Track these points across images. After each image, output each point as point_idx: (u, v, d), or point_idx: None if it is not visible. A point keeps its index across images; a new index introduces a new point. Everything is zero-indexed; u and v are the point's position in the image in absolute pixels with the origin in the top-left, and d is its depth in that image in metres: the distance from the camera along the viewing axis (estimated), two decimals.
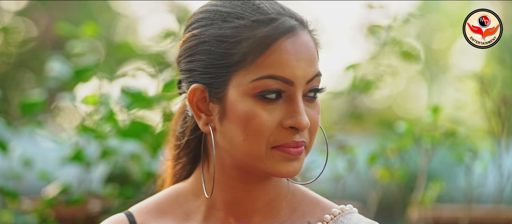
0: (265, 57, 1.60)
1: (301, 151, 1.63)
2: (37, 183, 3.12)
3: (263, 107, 1.60)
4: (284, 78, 1.60)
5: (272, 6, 1.65)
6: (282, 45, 1.61)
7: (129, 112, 2.99)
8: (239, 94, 1.61)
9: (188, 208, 1.73)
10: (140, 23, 9.57)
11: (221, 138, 1.65)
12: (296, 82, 1.61)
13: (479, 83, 2.95)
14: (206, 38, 1.64)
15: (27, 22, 9.10)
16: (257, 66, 1.60)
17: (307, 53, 1.63)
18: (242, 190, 1.69)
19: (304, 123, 1.61)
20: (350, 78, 3.18)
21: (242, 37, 1.61)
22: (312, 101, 1.64)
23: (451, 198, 5.08)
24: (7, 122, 3.08)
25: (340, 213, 1.72)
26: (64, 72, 3.08)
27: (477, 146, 3.05)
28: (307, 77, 1.62)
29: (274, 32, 1.61)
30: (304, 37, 1.63)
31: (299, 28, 1.64)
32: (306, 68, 1.61)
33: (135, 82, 3.06)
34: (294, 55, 1.61)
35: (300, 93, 1.62)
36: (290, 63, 1.60)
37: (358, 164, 3.10)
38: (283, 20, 1.63)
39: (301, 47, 1.62)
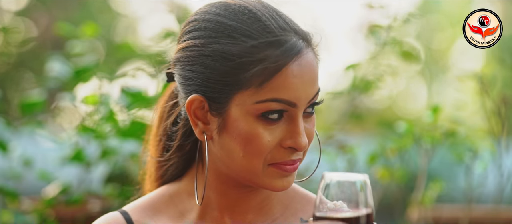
0: (272, 81, 1.60)
1: (296, 167, 1.66)
2: (37, 183, 3.12)
3: (264, 127, 1.61)
4: (288, 101, 1.61)
5: (278, 23, 1.64)
6: (289, 69, 1.61)
7: (129, 112, 2.99)
8: (242, 113, 1.61)
9: (183, 207, 1.73)
10: (140, 23, 9.57)
11: (219, 149, 1.66)
12: (299, 104, 1.62)
13: (479, 83, 2.95)
14: (209, 52, 1.63)
15: (27, 22, 9.10)
16: (263, 89, 1.60)
17: (311, 74, 1.63)
18: (235, 192, 1.70)
19: (303, 144, 1.63)
20: (350, 78, 3.18)
21: (251, 59, 1.60)
22: (310, 116, 1.66)
23: (451, 198, 5.08)
24: (7, 122, 3.08)
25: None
26: (64, 72, 3.08)
27: (477, 146, 3.05)
28: (309, 98, 1.63)
29: (283, 57, 1.60)
30: (308, 57, 1.64)
31: (305, 48, 1.64)
32: (309, 90, 1.63)
33: (135, 82, 3.06)
34: (299, 79, 1.61)
35: (301, 113, 1.63)
36: (296, 86, 1.61)
37: (358, 164, 3.10)
38: (292, 42, 1.62)
39: (306, 68, 1.62)
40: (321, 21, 9.89)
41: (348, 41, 7.78)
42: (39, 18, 9.18)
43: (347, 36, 8.09)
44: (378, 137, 3.36)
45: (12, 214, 2.99)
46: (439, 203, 3.30)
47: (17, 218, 2.98)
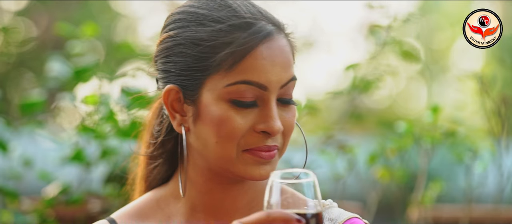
0: (241, 63, 1.61)
1: (273, 155, 1.64)
2: (37, 183, 3.12)
3: (236, 111, 1.61)
4: (258, 83, 1.60)
5: (249, 9, 1.65)
6: (258, 51, 1.61)
7: (129, 112, 2.99)
8: (214, 97, 1.62)
9: (170, 211, 1.73)
10: (140, 23, 9.58)
11: (195, 139, 1.66)
12: (270, 87, 1.61)
13: (479, 83, 2.95)
14: (182, 40, 1.65)
15: (27, 22, 9.10)
16: (233, 71, 1.60)
17: (282, 58, 1.63)
18: (221, 191, 1.69)
19: (276, 128, 1.61)
20: (350, 78, 3.18)
21: (219, 42, 1.61)
22: (287, 105, 1.65)
23: (451, 198, 5.08)
24: (7, 122, 3.08)
25: None
26: (64, 72, 3.08)
27: (477, 146, 3.05)
28: (281, 82, 1.62)
29: (251, 39, 1.61)
30: (280, 42, 1.64)
31: (275, 32, 1.64)
32: (280, 73, 1.62)
33: (135, 82, 3.06)
34: (269, 61, 1.61)
35: (273, 97, 1.62)
36: (265, 68, 1.61)
37: (358, 164, 3.10)
38: (260, 25, 1.63)
39: (277, 52, 1.63)
40: (321, 21, 9.89)
41: (348, 41, 7.79)
42: (39, 18, 9.18)
43: (347, 36, 8.10)
44: (378, 137, 3.36)
45: (12, 214, 2.99)
46: (439, 203, 3.30)
47: (17, 218, 2.98)
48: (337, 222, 1.70)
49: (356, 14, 7.72)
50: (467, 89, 5.23)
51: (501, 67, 8.26)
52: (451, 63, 9.65)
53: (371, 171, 3.14)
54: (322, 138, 3.11)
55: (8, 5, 8.96)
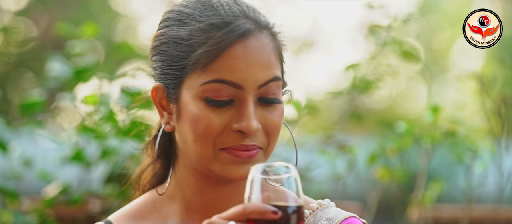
0: (216, 62, 1.60)
1: (252, 154, 1.62)
2: (37, 183, 3.12)
3: (211, 110, 1.61)
4: (233, 82, 1.60)
5: (231, 8, 1.65)
6: (233, 49, 1.60)
7: (129, 112, 2.99)
8: (191, 96, 1.62)
9: (165, 213, 1.72)
10: (140, 23, 9.58)
11: (179, 138, 1.67)
12: (246, 87, 1.60)
13: (479, 83, 2.96)
14: (165, 39, 1.66)
15: (27, 22, 9.10)
16: (208, 70, 1.60)
17: (260, 57, 1.62)
18: (213, 191, 1.68)
19: (251, 127, 1.60)
20: (350, 78, 3.18)
21: (195, 40, 1.62)
22: (270, 105, 1.63)
23: (451, 198, 5.08)
24: (7, 122, 3.08)
25: (318, 207, 1.72)
26: (64, 72, 3.08)
27: (477, 146, 3.05)
28: (258, 82, 1.61)
29: (225, 38, 1.61)
30: (258, 42, 1.63)
31: (254, 32, 1.63)
32: (257, 73, 1.61)
33: (135, 82, 3.06)
34: (244, 60, 1.60)
35: (250, 97, 1.61)
36: (240, 67, 1.60)
37: (358, 164, 3.11)
38: (237, 24, 1.62)
39: (253, 51, 1.61)
40: (321, 21, 9.89)
41: (348, 41, 7.79)
42: (39, 18, 9.18)
43: (347, 36, 8.10)
44: (378, 137, 3.36)
45: (12, 214, 2.99)
46: (439, 203, 3.30)
47: (17, 218, 2.98)
48: (335, 222, 1.70)
49: (356, 14, 7.72)
50: (467, 89, 5.23)
51: (501, 67, 8.26)
52: (451, 63, 9.65)
53: (371, 171, 3.14)
54: (322, 138, 3.11)
55: (8, 5, 8.96)
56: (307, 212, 1.71)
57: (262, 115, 1.62)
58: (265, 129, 1.63)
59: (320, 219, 1.70)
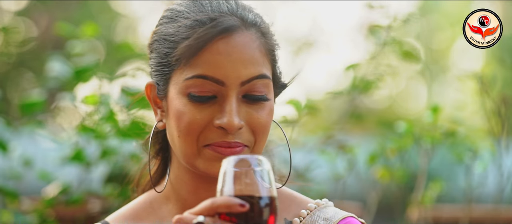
0: (198, 57, 1.60)
1: (236, 152, 1.61)
2: (37, 183, 3.12)
3: (194, 105, 1.61)
4: (214, 78, 1.59)
5: (220, 6, 1.65)
6: (214, 45, 1.60)
7: (129, 112, 2.99)
8: (176, 92, 1.62)
9: (162, 213, 1.72)
10: (140, 23, 9.58)
11: (168, 135, 1.67)
12: (228, 83, 1.60)
13: (479, 83, 2.95)
14: (157, 36, 1.67)
15: (27, 22, 9.10)
16: (191, 65, 1.60)
17: (243, 54, 1.61)
18: (207, 190, 1.66)
19: (231, 124, 1.59)
20: (350, 78, 3.18)
21: (180, 36, 1.62)
22: (256, 102, 1.62)
23: (451, 198, 5.08)
24: (7, 122, 3.08)
25: (316, 207, 1.72)
26: (64, 72, 3.08)
27: (477, 146, 3.05)
28: (241, 78, 1.60)
29: (207, 32, 1.61)
30: (243, 38, 1.62)
31: (239, 28, 1.62)
32: (240, 69, 1.60)
33: (135, 82, 3.06)
34: (225, 56, 1.60)
35: (233, 94, 1.60)
36: (221, 63, 1.60)
37: (358, 164, 3.10)
38: (221, 20, 1.62)
39: (236, 48, 1.61)
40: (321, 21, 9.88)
41: (348, 41, 7.79)
42: (39, 18, 9.18)
43: (347, 36, 8.10)
44: (378, 137, 3.36)
45: (12, 214, 2.99)
46: (439, 203, 3.30)
47: (17, 218, 2.98)
48: (332, 222, 1.70)
49: (356, 14, 7.72)
50: (467, 89, 5.23)
51: (501, 67, 8.26)
52: (451, 63, 9.65)
53: (371, 171, 3.14)
54: (322, 138, 3.11)
55: (8, 5, 8.96)
56: (305, 212, 1.71)
57: (247, 112, 1.62)
58: (251, 127, 1.62)
59: (317, 219, 1.70)
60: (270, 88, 1.64)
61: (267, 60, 1.65)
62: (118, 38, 9.31)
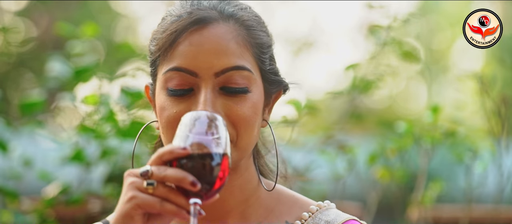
0: (174, 50, 1.60)
1: None
2: (37, 183, 3.12)
3: (171, 99, 1.60)
4: (187, 69, 1.59)
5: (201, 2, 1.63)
6: (188, 38, 1.59)
7: (129, 112, 2.99)
8: (159, 87, 1.62)
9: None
10: (140, 23, 9.58)
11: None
12: (201, 74, 1.58)
13: (479, 83, 2.96)
14: (150, 37, 1.68)
15: (27, 22, 9.11)
16: (168, 59, 1.61)
17: (216, 44, 1.59)
18: None
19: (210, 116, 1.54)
20: (350, 78, 3.18)
21: (160, 34, 1.62)
22: (235, 95, 1.60)
23: (451, 198, 5.08)
24: (7, 122, 3.08)
25: (318, 210, 1.70)
26: (64, 72, 3.08)
27: (477, 146, 3.05)
28: (214, 69, 1.58)
29: (180, 25, 1.60)
30: (217, 30, 1.61)
31: (214, 20, 1.61)
32: (212, 60, 1.58)
33: (135, 82, 3.06)
34: (197, 47, 1.59)
35: (206, 85, 1.58)
36: (193, 54, 1.59)
37: (358, 164, 3.10)
38: (196, 13, 1.61)
39: (209, 39, 1.59)
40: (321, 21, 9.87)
41: (348, 41, 7.79)
42: (39, 18, 9.18)
43: (347, 36, 8.10)
44: (378, 137, 3.36)
45: (12, 214, 2.99)
46: (439, 203, 3.30)
47: (17, 218, 2.98)
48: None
49: (356, 14, 7.73)
50: (467, 89, 5.23)
51: (501, 67, 8.26)
52: (451, 63, 9.65)
53: (371, 171, 3.14)
54: (322, 138, 3.11)
55: (8, 5, 8.96)
56: (307, 214, 1.70)
57: (225, 104, 1.59)
58: (230, 120, 1.59)
59: (319, 222, 1.69)
60: (252, 81, 1.61)
61: (248, 52, 1.62)
62: (118, 38, 9.31)
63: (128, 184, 1.46)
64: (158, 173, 1.43)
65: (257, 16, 1.67)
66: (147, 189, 1.44)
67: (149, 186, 1.44)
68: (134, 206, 1.45)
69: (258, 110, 1.62)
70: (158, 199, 1.43)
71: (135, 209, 1.45)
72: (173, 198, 1.44)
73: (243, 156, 1.62)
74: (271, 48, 1.67)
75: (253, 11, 1.68)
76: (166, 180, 1.43)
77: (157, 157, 1.44)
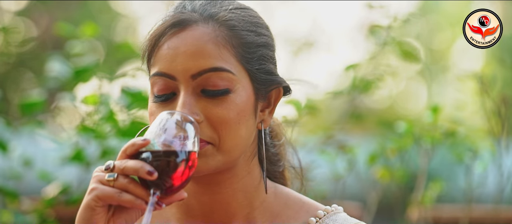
0: (156, 55, 1.60)
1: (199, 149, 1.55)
2: (37, 183, 3.12)
3: (158, 105, 1.59)
4: (166, 73, 1.57)
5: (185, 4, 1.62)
6: (167, 42, 1.58)
7: (129, 112, 2.99)
8: (150, 92, 1.62)
9: (167, 215, 1.69)
10: (140, 23, 9.58)
11: None
12: (179, 77, 1.57)
13: (479, 83, 2.96)
14: None
15: (27, 22, 9.11)
16: (152, 64, 1.61)
17: (192, 46, 1.57)
18: (205, 194, 1.64)
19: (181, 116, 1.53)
20: (350, 78, 3.18)
21: (146, 37, 1.63)
22: (215, 97, 1.57)
23: (451, 198, 5.08)
24: (7, 122, 3.08)
25: (325, 215, 1.68)
26: (64, 72, 3.08)
27: (477, 146, 3.05)
28: (190, 71, 1.56)
29: (161, 29, 1.59)
30: (195, 32, 1.58)
31: (192, 22, 1.58)
32: (187, 62, 1.56)
33: (135, 82, 3.06)
34: (174, 49, 1.57)
35: (185, 88, 1.56)
36: (170, 57, 1.57)
37: (358, 164, 3.10)
38: (176, 16, 1.59)
39: (185, 41, 1.57)
40: (321, 21, 9.88)
41: (348, 41, 7.79)
42: (39, 18, 9.18)
43: (347, 36, 8.10)
44: (378, 137, 3.36)
45: (12, 214, 2.99)
46: (439, 203, 3.30)
47: (17, 218, 2.98)
48: None
49: (356, 14, 7.73)
50: (467, 89, 5.23)
51: (501, 67, 8.26)
52: (451, 63, 9.66)
53: (371, 171, 3.14)
54: (322, 138, 3.11)
55: (8, 5, 8.97)
56: (313, 219, 1.67)
57: (205, 107, 1.57)
58: (210, 122, 1.56)
59: None
60: (233, 82, 1.58)
61: (229, 53, 1.58)
62: (118, 38, 9.31)
63: (93, 177, 1.51)
64: (119, 165, 1.47)
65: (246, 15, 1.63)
66: (109, 182, 1.48)
67: (110, 178, 1.48)
68: (94, 198, 1.49)
69: (243, 111, 1.59)
70: (117, 190, 1.47)
71: (95, 201, 1.49)
72: (132, 189, 1.46)
73: (230, 158, 1.59)
74: (262, 47, 1.63)
75: (246, 11, 1.64)
76: (126, 171, 1.47)
77: (122, 151, 1.49)
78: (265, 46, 1.64)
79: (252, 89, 1.61)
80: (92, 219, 1.52)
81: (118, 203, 1.47)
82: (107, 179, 1.48)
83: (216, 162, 1.57)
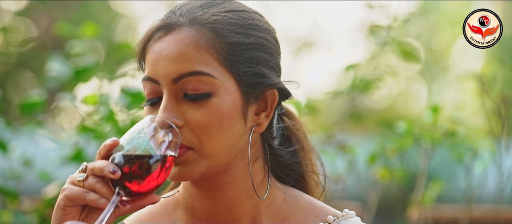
0: (144, 59, 1.60)
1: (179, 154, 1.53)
2: (37, 183, 3.12)
3: (148, 109, 1.59)
4: (150, 77, 1.57)
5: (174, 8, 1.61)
6: (153, 45, 1.58)
7: (129, 112, 2.99)
8: None
9: (175, 217, 1.68)
10: (140, 23, 9.58)
11: None
12: (161, 81, 1.56)
13: (479, 83, 2.96)
14: None
15: (27, 22, 9.11)
16: (143, 67, 1.61)
17: (174, 50, 1.55)
18: (207, 198, 1.63)
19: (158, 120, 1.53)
20: (350, 78, 3.18)
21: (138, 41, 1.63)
22: (196, 101, 1.55)
23: (451, 198, 5.08)
24: (7, 122, 3.08)
25: (334, 219, 1.66)
26: (64, 72, 3.08)
27: (477, 146, 3.05)
28: (170, 75, 1.55)
29: (147, 33, 1.60)
30: (177, 36, 1.56)
31: (176, 26, 1.57)
32: (167, 66, 1.55)
33: (135, 82, 3.06)
34: (158, 54, 1.56)
35: (167, 92, 1.55)
36: (153, 62, 1.57)
37: (358, 164, 3.10)
38: (164, 20, 1.58)
39: (167, 45, 1.56)
40: (321, 21, 9.88)
41: (348, 41, 7.79)
42: (39, 18, 9.19)
43: (347, 36, 8.10)
44: (378, 137, 3.36)
45: (12, 214, 2.99)
46: (439, 203, 3.30)
47: (17, 218, 2.98)
48: None
49: (356, 14, 7.73)
50: (467, 89, 5.23)
51: (501, 67, 8.26)
52: (451, 63, 9.66)
53: (371, 171, 3.14)
54: (322, 138, 3.11)
55: (8, 5, 8.97)
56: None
57: (186, 111, 1.55)
58: (190, 127, 1.54)
59: None
60: (215, 86, 1.54)
61: (211, 56, 1.55)
62: (118, 38, 9.31)
63: (67, 179, 1.55)
64: (89, 166, 1.54)
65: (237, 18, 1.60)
66: (79, 182, 1.53)
67: (80, 178, 1.53)
68: (63, 197, 1.52)
69: (227, 116, 1.55)
70: (85, 190, 1.51)
71: (64, 201, 1.52)
72: (98, 188, 1.50)
73: (215, 163, 1.57)
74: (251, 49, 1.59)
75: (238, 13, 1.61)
76: (94, 171, 1.52)
77: (97, 153, 1.55)
78: (256, 48, 1.59)
79: (239, 92, 1.57)
80: (62, 219, 1.53)
81: (85, 202, 1.50)
82: (78, 179, 1.54)
83: (200, 167, 1.55)
